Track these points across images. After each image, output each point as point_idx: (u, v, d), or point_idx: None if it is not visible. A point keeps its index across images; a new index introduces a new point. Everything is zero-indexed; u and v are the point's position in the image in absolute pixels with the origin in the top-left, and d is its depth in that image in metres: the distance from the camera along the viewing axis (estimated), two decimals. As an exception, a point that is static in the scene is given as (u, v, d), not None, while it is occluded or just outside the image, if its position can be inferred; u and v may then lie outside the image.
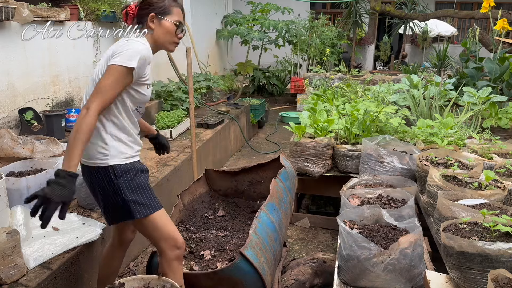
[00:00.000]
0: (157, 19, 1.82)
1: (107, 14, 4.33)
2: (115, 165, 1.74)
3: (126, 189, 1.74)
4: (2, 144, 2.60)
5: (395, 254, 1.80)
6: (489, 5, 4.54)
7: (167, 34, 1.85)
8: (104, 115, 1.75)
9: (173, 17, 1.84)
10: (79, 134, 1.56)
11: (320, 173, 3.32)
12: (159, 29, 1.84)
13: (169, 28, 1.84)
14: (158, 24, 1.83)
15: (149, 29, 1.84)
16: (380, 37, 11.78)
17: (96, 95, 1.64)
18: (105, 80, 1.65)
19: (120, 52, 1.69)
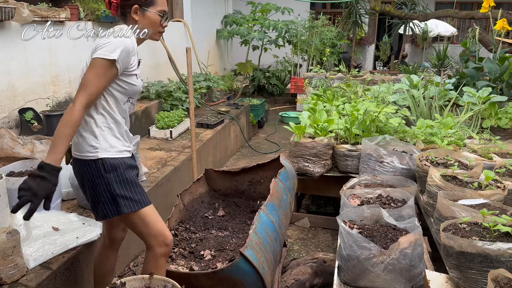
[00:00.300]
0: (140, 10, 1.80)
1: (107, 14, 4.33)
2: (105, 158, 1.73)
3: (115, 183, 1.73)
4: (2, 144, 2.60)
5: (395, 254, 1.80)
6: (489, 5, 4.54)
7: (152, 25, 1.84)
8: (94, 108, 1.75)
9: (157, 7, 1.82)
10: (63, 128, 1.58)
11: (320, 173, 3.32)
12: (143, 20, 1.82)
13: (153, 19, 1.82)
14: (142, 16, 1.81)
15: (132, 20, 1.82)
16: (380, 37, 11.78)
17: (81, 89, 1.64)
18: (88, 74, 1.66)
19: (102, 45, 1.69)
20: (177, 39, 6.45)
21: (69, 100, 4.03)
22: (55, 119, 3.43)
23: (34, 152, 2.65)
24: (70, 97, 4.04)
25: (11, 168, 2.58)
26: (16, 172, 2.59)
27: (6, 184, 2.25)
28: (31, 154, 2.64)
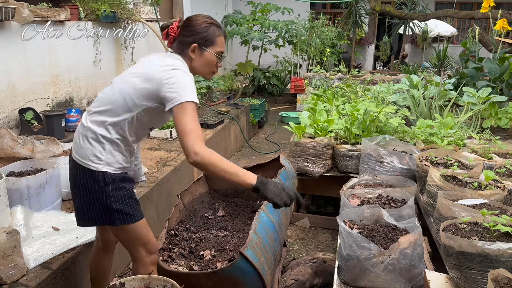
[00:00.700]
0: (199, 49, 1.76)
1: (107, 14, 4.33)
2: (106, 172, 1.72)
3: (112, 197, 1.73)
4: (2, 144, 2.60)
5: (395, 254, 1.80)
6: (489, 5, 4.54)
7: (207, 65, 1.80)
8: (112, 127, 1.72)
9: (216, 48, 1.78)
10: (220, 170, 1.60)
11: (320, 173, 3.32)
12: (199, 59, 1.78)
13: (210, 59, 1.79)
14: (199, 55, 1.77)
15: (188, 57, 1.77)
16: (380, 37, 11.78)
17: (187, 139, 1.58)
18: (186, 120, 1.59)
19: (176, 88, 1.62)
20: (177, 39, 6.45)
21: (69, 100, 4.03)
22: (55, 119, 3.43)
23: (34, 152, 2.65)
24: (70, 97, 4.04)
25: (11, 168, 2.59)
26: (16, 172, 2.59)
27: (6, 184, 2.26)
28: (31, 154, 2.64)
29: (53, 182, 2.58)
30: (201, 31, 1.75)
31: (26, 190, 2.40)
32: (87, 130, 1.74)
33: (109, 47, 4.61)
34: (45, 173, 2.52)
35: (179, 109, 1.60)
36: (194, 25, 1.75)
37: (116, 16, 4.53)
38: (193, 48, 1.75)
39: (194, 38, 1.75)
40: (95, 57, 4.35)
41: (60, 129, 3.47)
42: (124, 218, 1.76)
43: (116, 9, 4.50)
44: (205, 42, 1.76)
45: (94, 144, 1.72)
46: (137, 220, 1.80)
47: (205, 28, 1.75)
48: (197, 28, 1.75)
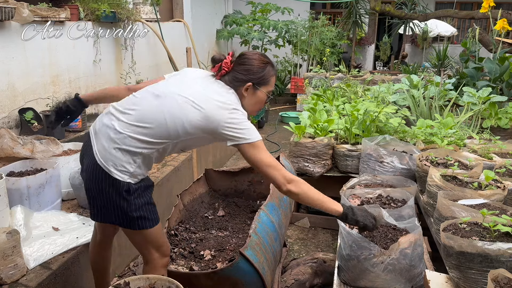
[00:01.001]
0: (252, 88, 1.76)
1: (107, 14, 4.33)
2: (130, 183, 1.70)
3: (133, 205, 1.72)
4: (2, 144, 2.60)
5: (395, 254, 1.80)
6: (489, 5, 4.54)
7: (258, 103, 1.81)
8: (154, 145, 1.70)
9: (268, 87, 1.79)
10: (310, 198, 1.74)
11: (320, 173, 3.32)
12: (251, 98, 1.78)
13: (261, 98, 1.80)
14: (252, 93, 1.77)
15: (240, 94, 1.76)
16: (380, 37, 11.78)
17: (275, 171, 1.67)
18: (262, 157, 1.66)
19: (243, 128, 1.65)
20: (177, 39, 6.45)
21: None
22: (55, 119, 3.43)
23: (34, 152, 2.65)
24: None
25: (11, 168, 2.58)
26: (16, 172, 2.59)
27: (6, 184, 2.26)
28: (31, 154, 2.64)
29: (53, 182, 2.58)
30: (257, 71, 1.75)
31: (26, 190, 2.40)
32: (123, 139, 1.67)
33: (109, 47, 4.61)
34: (45, 173, 2.52)
35: (251, 148, 1.66)
36: (251, 65, 1.75)
37: (116, 16, 4.53)
38: (247, 87, 1.75)
39: (250, 77, 1.74)
40: (95, 57, 4.35)
41: (60, 129, 3.47)
42: (144, 223, 1.75)
43: (116, 9, 4.50)
44: (260, 81, 1.76)
45: (126, 155, 1.68)
46: (155, 224, 1.79)
47: (261, 69, 1.75)
48: (254, 68, 1.75)
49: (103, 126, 1.74)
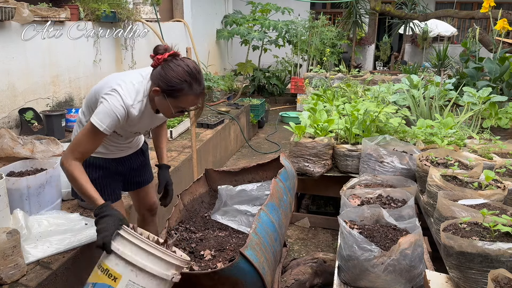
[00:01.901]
0: (161, 94, 1.71)
1: (107, 14, 4.33)
2: None
3: None
4: (2, 144, 2.60)
5: (395, 255, 1.80)
6: (489, 5, 4.54)
7: (163, 108, 1.79)
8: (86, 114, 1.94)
9: (177, 102, 1.72)
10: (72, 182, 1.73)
11: (320, 173, 3.32)
12: (159, 101, 1.76)
13: (166, 108, 1.76)
14: (160, 98, 1.74)
15: (151, 93, 1.77)
16: (380, 37, 11.78)
17: (72, 147, 1.74)
18: (82, 135, 1.74)
19: (98, 109, 1.73)
20: (177, 39, 6.45)
21: (69, 100, 4.03)
22: (55, 119, 3.43)
23: (34, 152, 2.65)
24: (70, 97, 4.04)
25: (11, 168, 2.58)
26: (16, 172, 2.59)
27: (6, 184, 2.25)
28: (31, 154, 2.64)
29: (53, 182, 2.58)
30: (170, 82, 1.68)
31: (26, 190, 2.40)
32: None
33: (109, 47, 4.61)
34: (45, 173, 2.52)
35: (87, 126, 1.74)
36: (169, 73, 1.68)
37: (116, 16, 4.53)
38: (156, 89, 1.71)
39: (159, 83, 1.70)
40: (95, 57, 4.35)
41: (60, 129, 3.47)
42: None
43: (116, 9, 4.50)
44: (168, 92, 1.70)
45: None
46: None
47: (176, 83, 1.67)
48: (168, 78, 1.68)
49: None
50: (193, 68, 1.70)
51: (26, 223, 2.25)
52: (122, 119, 1.74)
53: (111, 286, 1.53)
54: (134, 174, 2.25)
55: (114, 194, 2.07)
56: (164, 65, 1.70)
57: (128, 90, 1.74)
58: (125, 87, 1.75)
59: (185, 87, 1.68)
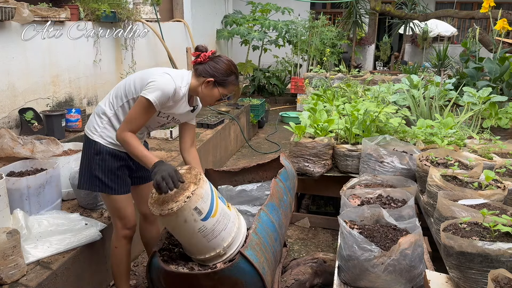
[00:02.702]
0: (212, 84, 2.01)
1: (107, 14, 4.33)
2: (98, 142, 2.05)
3: (97, 165, 2.06)
4: (2, 144, 2.60)
5: (396, 255, 1.80)
6: (489, 5, 4.54)
7: (210, 97, 2.06)
8: (115, 105, 2.07)
9: (225, 90, 2.05)
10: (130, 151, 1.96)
11: (320, 173, 3.32)
12: (208, 90, 2.03)
13: (215, 95, 2.05)
14: (210, 88, 2.02)
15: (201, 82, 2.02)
16: (380, 37, 11.78)
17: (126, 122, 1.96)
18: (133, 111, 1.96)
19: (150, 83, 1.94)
20: (177, 39, 6.45)
21: (69, 100, 4.03)
22: (55, 119, 3.43)
23: (34, 152, 2.65)
24: (70, 97, 4.04)
25: (11, 168, 2.59)
26: (16, 172, 2.59)
27: (6, 184, 2.25)
28: (31, 154, 2.64)
29: (53, 182, 2.58)
30: (222, 73, 2.01)
31: (26, 190, 2.40)
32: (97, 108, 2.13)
33: (109, 47, 4.61)
34: (45, 173, 2.52)
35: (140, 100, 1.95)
36: (221, 66, 2.01)
37: (116, 16, 4.53)
38: (209, 80, 2.00)
39: (214, 74, 2.00)
40: (95, 57, 4.35)
41: (60, 129, 3.47)
42: (103, 187, 2.07)
43: (116, 9, 4.50)
44: (220, 82, 2.01)
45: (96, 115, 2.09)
46: (115, 193, 2.09)
47: (226, 74, 2.01)
48: (221, 70, 2.01)
49: None
50: (234, 62, 2.10)
51: (26, 223, 2.25)
52: (170, 96, 1.95)
53: None
54: (141, 168, 2.28)
55: (128, 186, 2.18)
56: (215, 59, 2.02)
57: (177, 75, 2.01)
58: (174, 73, 2.02)
59: (234, 78, 2.05)
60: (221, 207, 1.87)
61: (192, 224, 1.76)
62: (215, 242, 1.85)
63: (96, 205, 2.72)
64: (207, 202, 1.78)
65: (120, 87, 2.07)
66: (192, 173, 1.88)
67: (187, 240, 1.87)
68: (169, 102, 1.98)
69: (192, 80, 2.05)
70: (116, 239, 2.18)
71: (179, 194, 1.75)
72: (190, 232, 1.79)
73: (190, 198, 1.72)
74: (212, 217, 1.79)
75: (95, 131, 2.07)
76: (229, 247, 1.91)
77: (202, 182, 1.79)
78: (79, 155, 2.94)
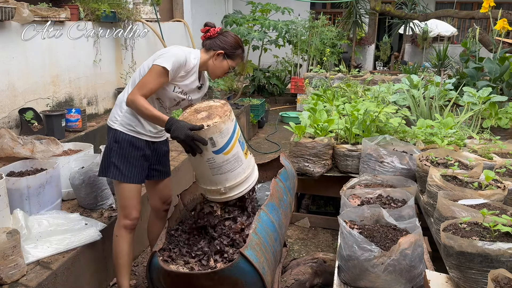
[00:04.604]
0: (222, 56, 2.15)
1: (107, 14, 4.33)
2: (118, 130, 2.13)
3: (115, 152, 2.13)
4: (2, 144, 2.60)
5: (395, 255, 1.80)
6: (489, 5, 4.54)
7: (220, 69, 2.18)
8: None
9: (233, 63, 2.19)
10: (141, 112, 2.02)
11: (320, 173, 3.32)
12: (218, 63, 2.16)
13: (224, 67, 2.18)
14: (220, 60, 2.16)
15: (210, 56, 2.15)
16: (380, 37, 11.78)
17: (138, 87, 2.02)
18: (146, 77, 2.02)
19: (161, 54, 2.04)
20: (177, 39, 6.45)
21: (69, 100, 4.03)
22: (55, 119, 3.43)
23: (34, 152, 2.65)
24: (70, 97, 4.04)
25: (11, 168, 2.58)
26: (16, 172, 2.59)
27: (6, 184, 2.25)
28: (31, 154, 2.64)
29: (53, 182, 2.58)
30: (232, 46, 2.15)
31: (26, 190, 2.40)
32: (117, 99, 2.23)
33: (109, 47, 4.61)
34: (45, 173, 2.52)
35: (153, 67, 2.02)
36: (230, 40, 2.15)
37: (116, 16, 4.53)
38: (219, 53, 2.14)
39: (224, 47, 2.14)
40: (95, 57, 4.35)
41: (60, 129, 3.47)
42: (116, 173, 2.14)
43: (116, 9, 4.50)
44: (229, 54, 2.15)
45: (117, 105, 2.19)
46: (126, 180, 2.15)
47: (235, 47, 2.16)
48: (230, 43, 2.15)
49: None
50: (240, 39, 2.24)
51: (26, 223, 2.25)
52: (182, 64, 2.05)
53: None
54: (159, 162, 2.35)
55: (140, 178, 2.22)
56: (223, 34, 2.16)
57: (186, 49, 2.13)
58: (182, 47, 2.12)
59: (241, 51, 2.20)
60: (237, 150, 1.98)
61: (203, 152, 1.91)
62: (218, 178, 1.98)
63: (96, 205, 2.72)
64: (224, 138, 1.92)
65: (135, 75, 2.15)
66: (224, 108, 2.01)
67: (196, 165, 2.05)
68: (181, 71, 2.07)
69: (202, 54, 2.16)
70: (117, 227, 2.25)
71: (203, 120, 1.91)
72: (199, 158, 1.94)
73: (209, 127, 1.87)
74: (224, 154, 1.92)
75: (115, 120, 2.16)
76: (231, 190, 2.02)
77: (226, 118, 1.93)
78: (79, 155, 2.94)
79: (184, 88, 2.17)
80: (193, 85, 2.19)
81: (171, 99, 2.18)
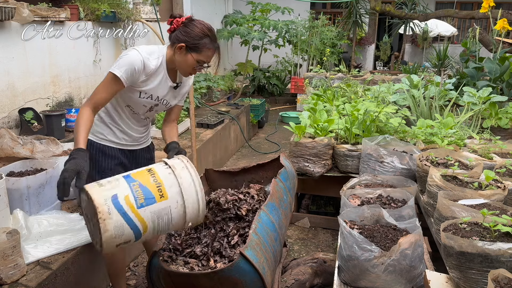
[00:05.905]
0: (185, 50, 1.92)
1: (107, 14, 4.33)
2: (90, 140, 2.03)
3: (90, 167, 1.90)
4: (2, 144, 2.60)
5: (396, 255, 1.80)
6: (489, 5, 4.54)
7: (185, 65, 1.96)
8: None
9: (199, 56, 1.94)
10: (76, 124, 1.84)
11: (320, 173, 3.32)
12: (181, 58, 1.94)
13: (189, 62, 1.95)
14: (183, 54, 1.93)
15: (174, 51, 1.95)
16: (380, 37, 11.78)
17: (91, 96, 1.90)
18: (99, 85, 1.91)
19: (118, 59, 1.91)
20: (177, 39, 6.45)
21: (69, 100, 4.03)
22: (55, 119, 3.43)
23: (34, 152, 2.65)
24: (70, 97, 4.04)
25: (11, 168, 2.58)
26: (16, 172, 2.59)
27: (6, 184, 2.25)
28: (31, 154, 2.64)
29: (53, 182, 2.58)
30: (194, 37, 1.91)
31: (26, 190, 2.40)
32: None
33: (109, 47, 4.61)
34: (45, 173, 2.52)
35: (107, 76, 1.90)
36: (192, 30, 1.91)
37: (116, 16, 4.53)
38: (180, 46, 1.92)
39: (185, 39, 1.91)
40: (95, 57, 4.35)
41: (60, 129, 3.47)
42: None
43: (116, 9, 4.50)
44: (192, 47, 1.92)
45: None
46: None
47: (199, 37, 1.91)
48: (192, 34, 1.91)
49: None
50: (210, 26, 1.96)
51: (26, 223, 2.25)
52: (138, 69, 1.88)
53: None
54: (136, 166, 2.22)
55: None
56: (186, 24, 1.92)
57: (146, 49, 1.95)
58: (143, 47, 1.96)
59: (207, 41, 1.92)
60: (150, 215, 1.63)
61: None
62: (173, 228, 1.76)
63: (96, 205, 2.71)
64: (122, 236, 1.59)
65: None
66: None
67: None
68: (140, 76, 1.91)
69: (167, 50, 1.98)
70: None
71: None
72: None
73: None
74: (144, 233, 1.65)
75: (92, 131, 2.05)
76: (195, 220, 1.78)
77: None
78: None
79: (152, 93, 2.01)
80: (163, 87, 2.03)
81: (141, 106, 2.05)
